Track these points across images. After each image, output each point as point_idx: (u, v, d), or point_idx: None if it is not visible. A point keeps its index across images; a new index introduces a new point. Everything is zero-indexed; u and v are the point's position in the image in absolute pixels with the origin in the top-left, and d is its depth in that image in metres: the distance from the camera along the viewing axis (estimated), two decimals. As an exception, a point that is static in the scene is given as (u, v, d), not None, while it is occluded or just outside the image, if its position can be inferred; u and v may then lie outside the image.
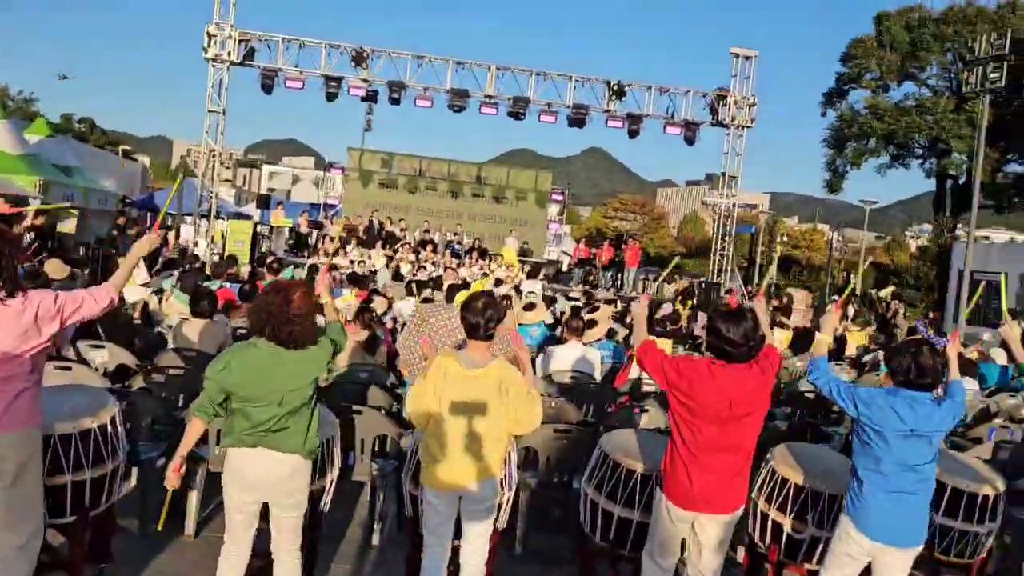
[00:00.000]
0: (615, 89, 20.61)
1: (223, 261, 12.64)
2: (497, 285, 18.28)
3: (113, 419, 3.95)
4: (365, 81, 20.11)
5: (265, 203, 25.32)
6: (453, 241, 23.09)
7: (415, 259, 20.57)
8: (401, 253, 20.84)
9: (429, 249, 21.73)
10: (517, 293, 13.30)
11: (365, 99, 20.62)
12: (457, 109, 20.40)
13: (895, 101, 37.59)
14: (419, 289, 11.14)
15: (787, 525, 4.29)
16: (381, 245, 21.42)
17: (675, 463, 3.65)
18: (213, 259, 17.68)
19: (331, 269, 8.39)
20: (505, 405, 3.61)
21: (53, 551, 3.86)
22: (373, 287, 11.05)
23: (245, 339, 6.80)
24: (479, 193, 26.32)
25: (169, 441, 4.99)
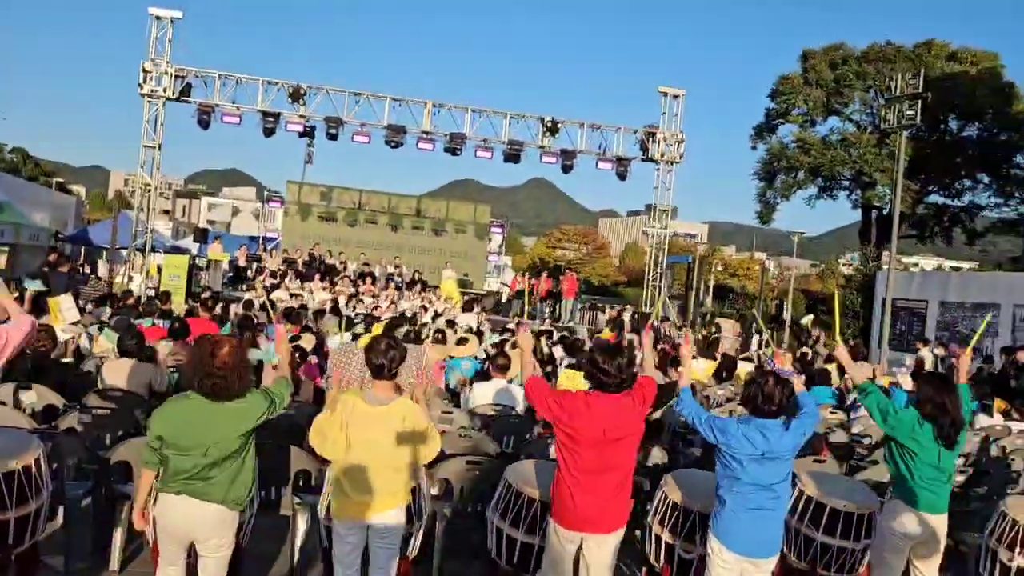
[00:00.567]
0: (548, 126, 21.21)
1: (153, 298, 12.67)
2: (435, 319, 18.56)
3: (37, 460, 4.14)
4: (302, 117, 20.38)
5: (203, 237, 25.26)
6: (393, 274, 23.30)
7: (354, 292, 20.73)
8: (340, 286, 20.96)
9: (369, 282, 21.90)
10: (450, 327, 13.57)
11: (303, 135, 20.89)
12: (394, 145, 20.76)
13: (821, 135, 39.07)
14: (349, 325, 11.35)
15: (678, 546, 4.66)
16: (320, 278, 21.54)
17: (561, 487, 4.01)
18: (148, 294, 17.64)
19: (269, 305, 8.58)
20: (408, 440, 3.91)
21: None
22: (306, 323, 11.21)
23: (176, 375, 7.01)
24: (419, 226, 26.67)
25: (95, 480, 5.18)
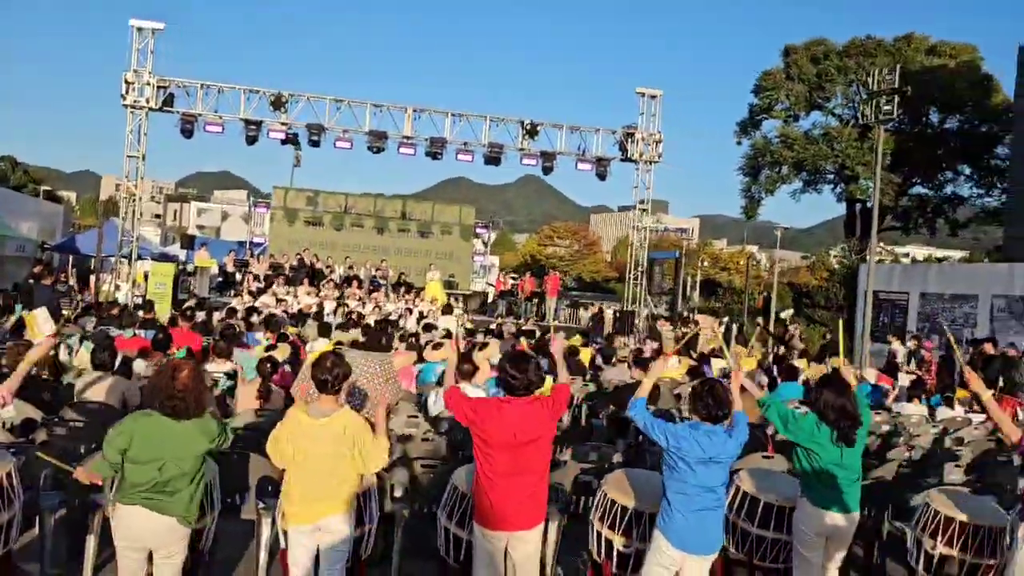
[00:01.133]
0: (528, 128, 21.50)
1: (132, 309, 12.94)
2: (420, 320, 18.84)
3: (9, 474, 4.43)
4: (284, 124, 20.62)
5: (190, 243, 25.51)
6: (377, 276, 23.56)
7: (339, 296, 20.97)
8: (326, 291, 21.20)
9: (355, 285, 22.14)
10: (427, 331, 13.84)
11: (285, 142, 21.09)
12: (376, 150, 21.02)
13: (805, 130, 39.45)
14: (328, 331, 11.61)
15: (617, 542, 4.96)
16: (308, 283, 21.78)
17: (479, 489, 4.33)
18: (136, 302, 17.88)
19: (252, 311, 8.87)
20: (352, 449, 4.20)
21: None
22: (283, 331, 11.48)
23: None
24: (404, 228, 26.94)
25: (69, 490, 5.47)
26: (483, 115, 21.72)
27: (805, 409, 7.46)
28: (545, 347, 12.55)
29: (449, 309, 17.54)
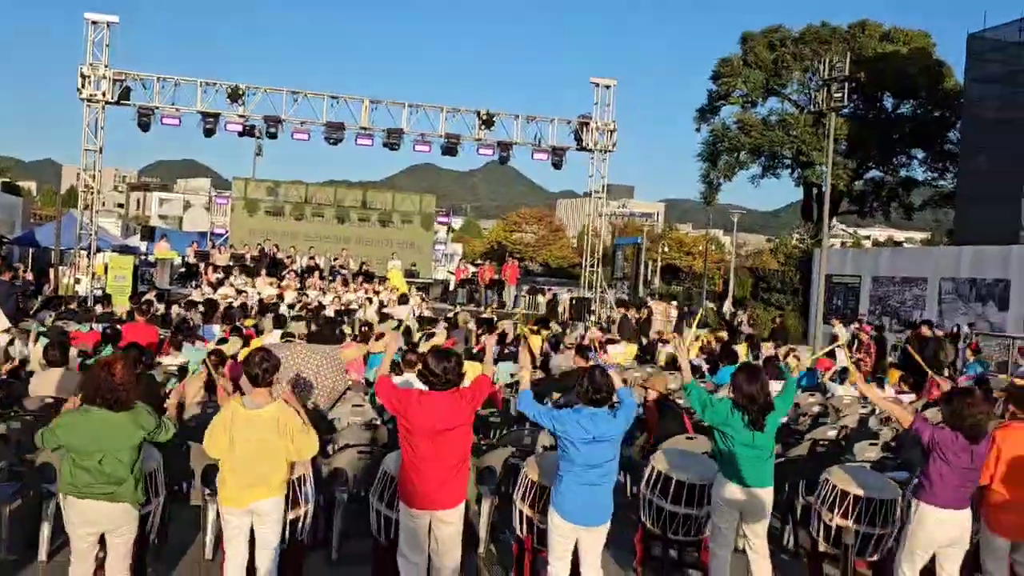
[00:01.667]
0: (484, 119, 21.80)
1: (92, 302, 13.11)
2: (380, 309, 19.11)
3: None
4: (242, 117, 20.75)
5: (150, 235, 25.54)
6: (336, 266, 23.75)
7: (300, 286, 21.15)
8: (287, 281, 21.37)
9: (316, 275, 22.34)
10: (383, 320, 14.15)
11: (242, 134, 21.21)
12: (333, 142, 21.22)
13: (762, 116, 40.04)
14: (282, 323, 11.89)
15: (536, 518, 5.36)
16: (267, 273, 21.93)
17: (404, 472, 4.73)
18: (95, 295, 17.97)
19: (211, 304, 9.12)
20: (283, 438, 4.55)
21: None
22: (237, 324, 11.75)
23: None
24: (365, 217, 27.12)
25: (23, 480, 5.78)
26: (440, 106, 22.02)
27: (723, 395, 7.94)
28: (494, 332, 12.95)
29: (405, 299, 17.83)
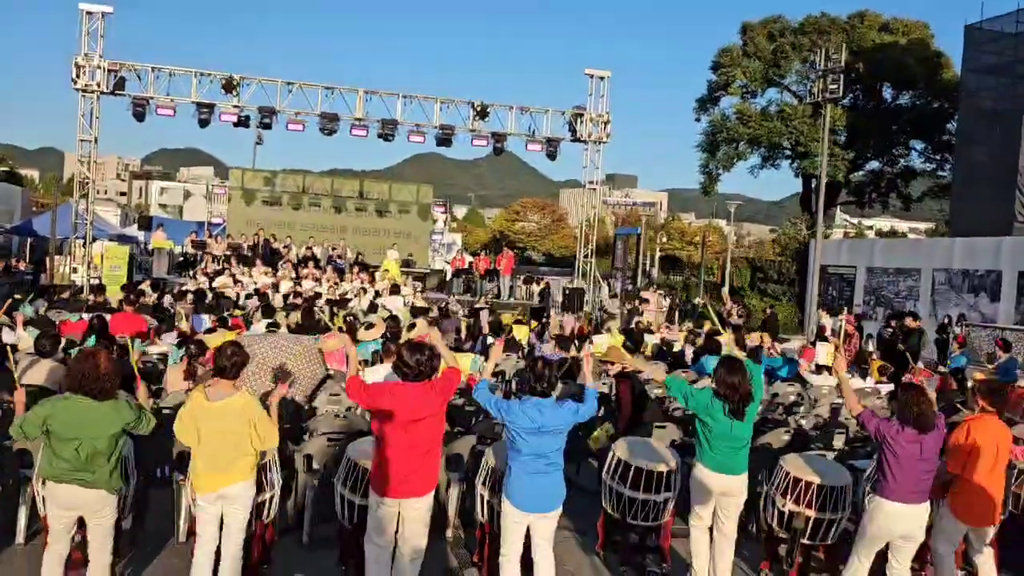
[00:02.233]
0: (479, 110, 21.92)
1: (78, 292, 13.28)
2: (375, 299, 19.25)
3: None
4: (236, 107, 20.87)
5: (148, 224, 25.73)
6: (334, 256, 23.91)
7: (296, 276, 21.30)
8: (282, 271, 21.53)
9: (311, 265, 22.49)
10: (371, 311, 14.31)
11: (237, 124, 21.31)
12: (328, 132, 21.35)
13: (762, 107, 40.07)
14: (270, 313, 12.06)
15: (496, 504, 5.52)
16: (263, 263, 22.10)
17: (378, 461, 4.87)
18: (93, 284, 18.14)
19: (201, 294, 9.27)
20: (248, 427, 4.72)
21: None
22: (225, 314, 11.92)
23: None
24: (362, 207, 27.27)
25: (1, 467, 5.96)
26: (434, 97, 22.12)
27: (704, 384, 8.11)
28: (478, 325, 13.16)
29: (397, 289, 17.99)
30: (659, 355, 12.93)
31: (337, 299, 19.16)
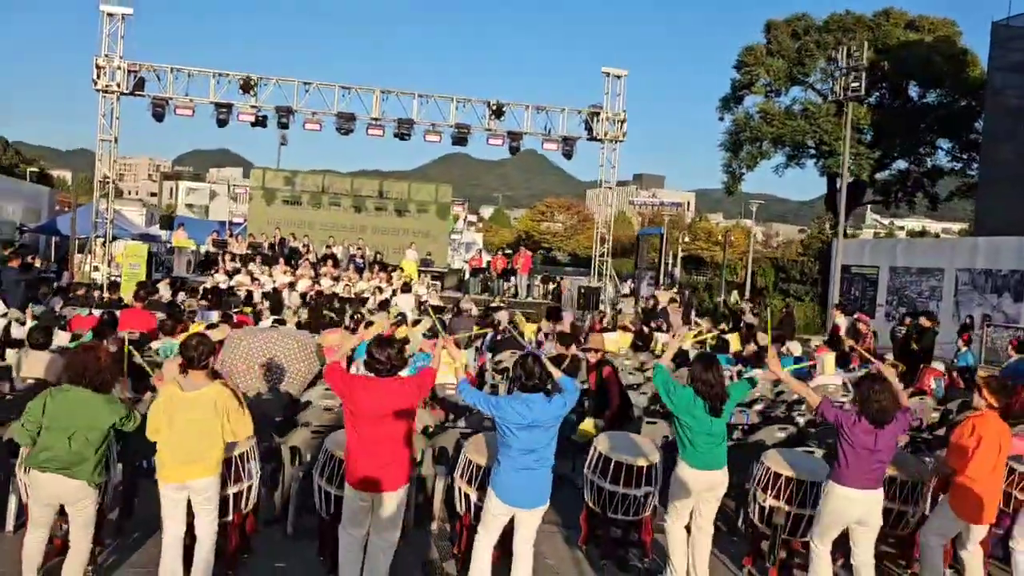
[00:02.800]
0: (494, 109, 21.96)
1: (92, 288, 13.50)
2: (392, 297, 19.37)
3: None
4: (254, 107, 21.09)
5: (170, 224, 26.07)
6: (355, 255, 24.08)
7: (314, 275, 21.50)
8: (301, 270, 21.73)
9: (330, 264, 22.67)
10: (382, 308, 14.39)
11: (255, 124, 21.53)
12: (345, 132, 21.50)
13: (786, 106, 39.74)
14: (279, 310, 12.19)
15: (473, 496, 5.57)
16: (284, 261, 22.32)
17: (348, 454, 4.92)
18: (112, 281, 18.42)
19: (211, 291, 9.41)
20: (219, 417, 4.79)
21: None
22: (237, 310, 12.06)
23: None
24: (381, 207, 27.42)
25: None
26: (450, 96, 22.19)
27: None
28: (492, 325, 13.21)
29: (407, 287, 18.08)
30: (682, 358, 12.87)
31: (352, 297, 19.33)
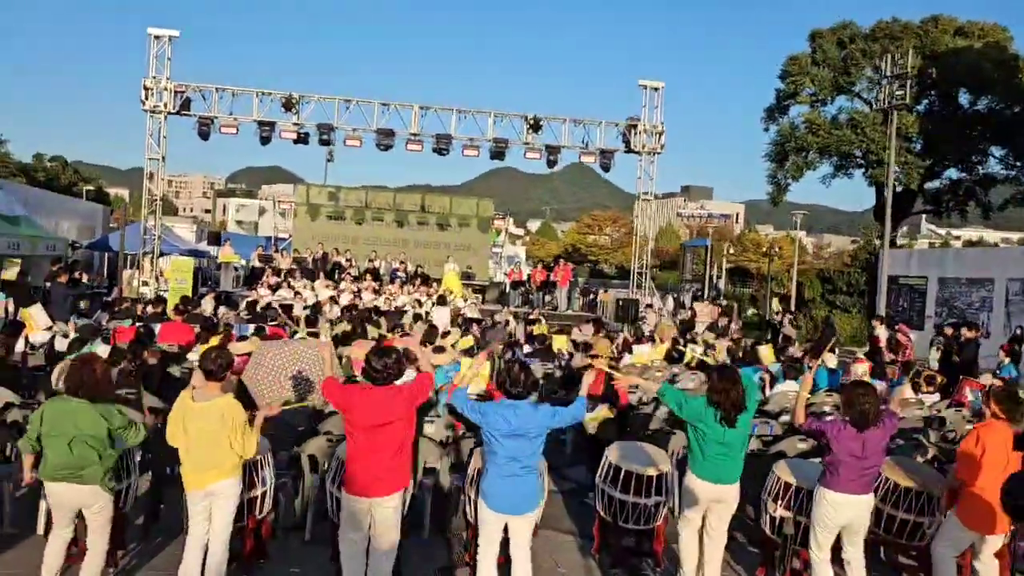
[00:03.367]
0: (532, 123, 22.12)
1: (133, 302, 13.91)
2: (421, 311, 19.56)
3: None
4: (296, 125, 21.54)
5: (217, 240, 26.67)
6: (397, 269, 24.38)
7: (356, 289, 21.81)
8: (344, 284, 22.06)
9: (370, 278, 22.98)
10: (416, 320, 14.57)
11: (296, 142, 21.97)
12: (384, 148, 21.84)
13: (832, 115, 39.22)
14: (314, 322, 12.43)
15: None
16: (326, 276, 22.69)
17: (348, 462, 5.05)
18: (163, 296, 18.93)
19: (253, 304, 9.64)
20: (227, 429, 4.93)
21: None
22: (276, 323, 12.34)
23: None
24: (423, 221, 27.73)
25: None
26: (487, 111, 22.42)
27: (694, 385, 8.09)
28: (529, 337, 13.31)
29: (443, 300, 18.25)
30: (700, 366, 12.81)
31: (392, 310, 19.56)
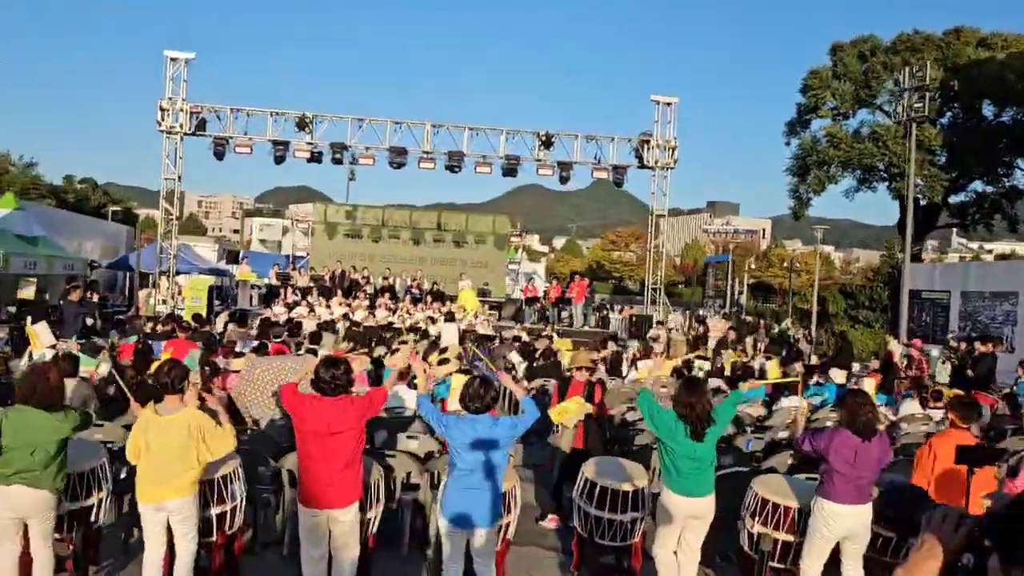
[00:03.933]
0: (544, 139, 22.15)
1: (145, 320, 14.05)
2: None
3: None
4: (309, 144, 21.74)
5: (235, 258, 26.95)
6: (412, 286, 24.45)
7: (371, 306, 21.89)
8: (357, 301, 22.16)
9: (386, 296, 23.06)
10: (423, 337, 14.57)
11: (310, 160, 22.18)
12: (397, 166, 21.96)
13: (854, 129, 38.91)
14: (317, 339, 12.48)
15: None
16: (342, 294, 22.80)
17: (300, 472, 5.04)
18: (171, 313, 19.12)
19: (266, 322, 9.63)
20: (193, 440, 4.94)
21: None
22: (278, 340, 12.41)
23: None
24: (440, 239, 27.82)
25: None
26: (500, 128, 22.49)
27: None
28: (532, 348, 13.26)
29: (451, 316, 18.25)
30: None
31: (395, 327, 19.60)
